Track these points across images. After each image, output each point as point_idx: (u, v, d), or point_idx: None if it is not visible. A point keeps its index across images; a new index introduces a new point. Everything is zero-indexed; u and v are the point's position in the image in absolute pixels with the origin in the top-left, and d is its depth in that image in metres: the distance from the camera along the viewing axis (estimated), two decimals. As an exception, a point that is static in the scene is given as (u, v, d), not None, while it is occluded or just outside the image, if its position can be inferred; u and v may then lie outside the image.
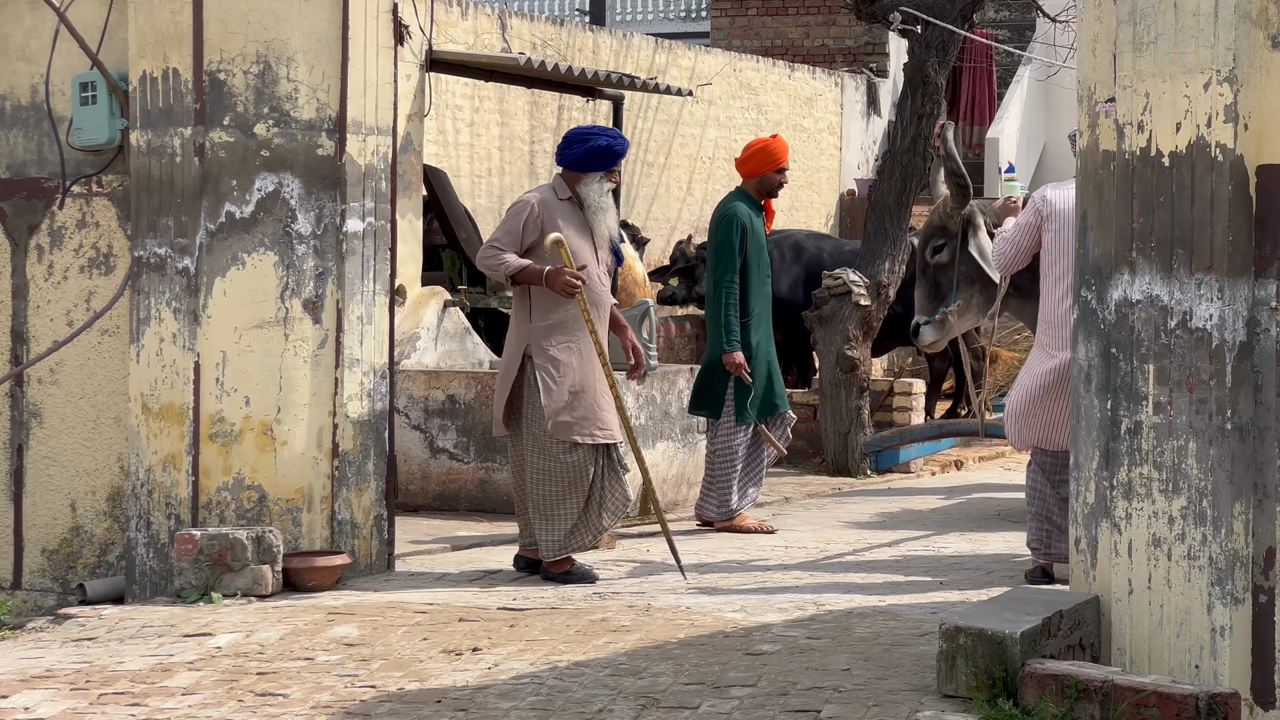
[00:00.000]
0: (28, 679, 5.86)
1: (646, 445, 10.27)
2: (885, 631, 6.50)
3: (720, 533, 9.52)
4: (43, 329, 8.18)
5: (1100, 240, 5.52)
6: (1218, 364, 5.20)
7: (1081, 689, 5.06)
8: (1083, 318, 5.63)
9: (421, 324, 10.81)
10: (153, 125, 7.69)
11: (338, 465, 7.64)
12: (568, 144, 8.03)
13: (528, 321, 7.83)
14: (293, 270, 7.58)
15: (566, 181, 8.02)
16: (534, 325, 7.81)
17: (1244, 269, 5.19)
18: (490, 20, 14.02)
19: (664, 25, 25.15)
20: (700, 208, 16.63)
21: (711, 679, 5.70)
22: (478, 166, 14.19)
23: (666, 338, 14.20)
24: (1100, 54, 5.52)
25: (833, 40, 19.73)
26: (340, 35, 7.61)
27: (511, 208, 8.03)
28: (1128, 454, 5.40)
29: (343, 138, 7.63)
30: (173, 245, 7.64)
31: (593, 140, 7.99)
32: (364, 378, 7.74)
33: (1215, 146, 5.18)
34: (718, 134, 16.94)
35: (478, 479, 10.20)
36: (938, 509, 10.75)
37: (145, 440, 7.70)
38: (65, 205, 8.10)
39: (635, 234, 14.41)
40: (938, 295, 8.67)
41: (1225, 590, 5.20)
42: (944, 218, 8.66)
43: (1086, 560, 5.59)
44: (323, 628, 6.63)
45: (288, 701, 5.55)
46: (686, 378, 10.65)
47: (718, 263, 9.57)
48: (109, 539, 8.07)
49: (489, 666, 5.95)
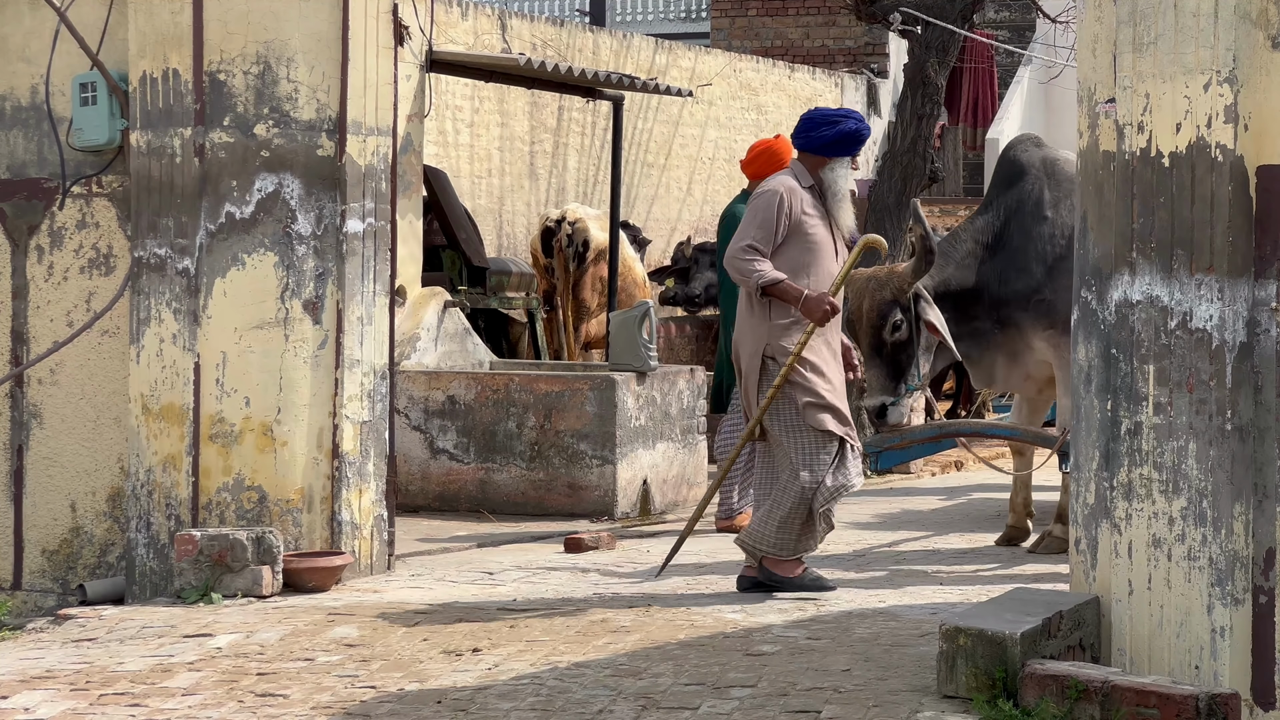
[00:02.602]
0: (28, 679, 5.86)
1: (646, 445, 10.28)
2: (885, 632, 6.50)
3: (720, 533, 9.52)
4: (43, 329, 8.18)
5: (1100, 241, 5.52)
6: (1218, 364, 5.20)
7: (1081, 689, 5.06)
8: (1083, 318, 5.63)
9: (421, 324, 10.81)
10: (153, 125, 7.69)
11: (338, 466, 7.64)
12: (813, 126, 7.49)
13: (766, 320, 7.37)
14: (293, 271, 7.58)
15: (808, 167, 7.50)
16: (773, 324, 7.36)
17: (1244, 269, 5.19)
18: (490, 21, 14.03)
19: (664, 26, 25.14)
20: (700, 208, 16.63)
21: (712, 679, 5.70)
22: (478, 166, 14.19)
23: (666, 338, 14.20)
24: (1100, 54, 5.52)
25: (833, 40, 19.74)
26: (340, 35, 7.61)
27: (759, 198, 7.41)
28: (1128, 454, 5.40)
29: (343, 138, 7.63)
30: (173, 246, 7.64)
31: (841, 123, 7.48)
32: (364, 378, 7.74)
33: (1215, 147, 5.18)
34: (718, 135, 16.94)
35: (478, 479, 10.20)
36: (938, 509, 10.75)
37: (145, 441, 7.70)
38: (65, 206, 8.10)
39: (636, 235, 14.42)
40: (896, 373, 8.28)
41: (1225, 591, 5.20)
42: (897, 292, 8.21)
43: (1086, 561, 5.59)
44: (323, 628, 6.63)
45: (288, 702, 5.55)
46: (687, 378, 10.66)
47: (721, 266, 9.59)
48: (109, 539, 8.07)
49: (489, 667, 5.95)
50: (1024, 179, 8.75)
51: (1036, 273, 8.54)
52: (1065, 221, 8.49)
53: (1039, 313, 8.54)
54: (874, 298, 8.22)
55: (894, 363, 8.26)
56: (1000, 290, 8.59)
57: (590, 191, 15.33)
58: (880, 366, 8.26)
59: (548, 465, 10.10)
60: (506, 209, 14.57)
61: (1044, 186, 8.67)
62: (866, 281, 8.27)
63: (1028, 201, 8.66)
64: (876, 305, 8.22)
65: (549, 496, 10.08)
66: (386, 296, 7.88)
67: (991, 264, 8.63)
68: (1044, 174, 8.73)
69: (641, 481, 10.20)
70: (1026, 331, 8.61)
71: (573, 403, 10.07)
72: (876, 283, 8.24)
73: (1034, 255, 8.55)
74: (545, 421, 10.11)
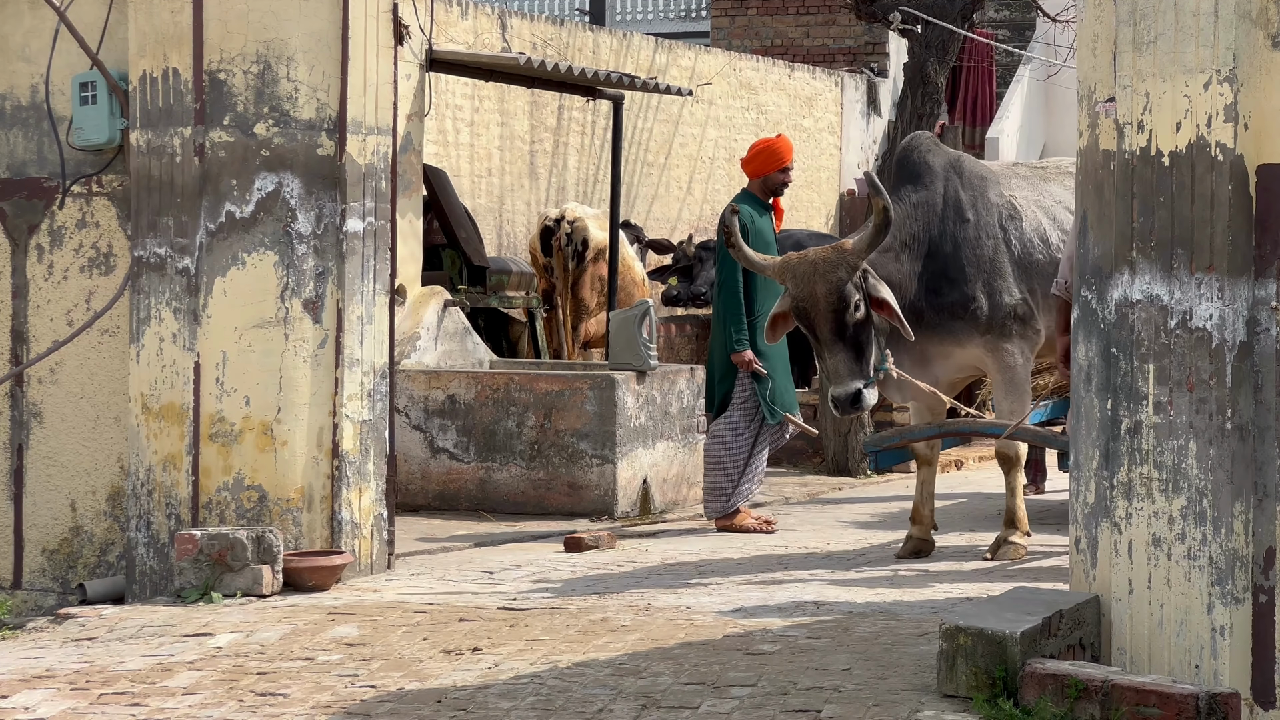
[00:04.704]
0: (28, 679, 5.86)
1: (647, 445, 10.28)
2: (885, 631, 6.50)
3: (720, 532, 9.52)
4: (43, 329, 8.18)
5: (1100, 240, 5.52)
6: (1218, 364, 5.20)
7: (1081, 689, 5.06)
8: (1083, 317, 5.63)
9: (421, 324, 10.81)
10: (153, 125, 7.69)
11: (338, 465, 7.64)
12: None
13: None
14: (293, 270, 7.58)
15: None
16: None
17: (1244, 269, 5.19)
18: (490, 20, 14.03)
19: (664, 25, 25.14)
20: (700, 208, 16.63)
21: (712, 679, 5.70)
22: (478, 166, 14.19)
23: (666, 338, 14.21)
24: (1100, 54, 5.52)
25: (833, 40, 19.73)
26: (340, 35, 7.61)
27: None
28: (1128, 454, 5.40)
29: (343, 138, 7.63)
30: (173, 245, 7.64)
31: None
32: (364, 377, 7.74)
33: (1215, 146, 5.19)
34: (718, 134, 16.94)
35: (478, 478, 10.20)
36: (938, 509, 10.73)
37: (145, 440, 7.70)
38: (65, 205, 8.10)
39: (637, 235, 14.42)
40: (860, 356, 7.84)
41: (1225, 590, 5.20)
42: (850, 270, 7.74)
43: (1086, 560, 5.59)
44: (323, 628, 6.63)
45: (288, 701, 5.55)
46: (686, 378, 10.66)
47: (721, 264, 9.59)
48: (109, 539, 8.07)
49: (489, 666, 5.95)
50: (932, 180, 8.46)
51: (971, 279, 8.38)
52: (986, 221, 8.43)
53: (974, 319, 8.39)
54: (828, 280, 7.74)
55: (856, 345, 7.82)
56: (932, 299, 8.35)
57: (590, 191, 15.33)
58: (845, 351, 7.80)
59: (548, 464, 10.10)
60: (506, 208, 14.57)
61: (958, 187, 8.47)
62: (812, 265, 7.79)
63: (946, 204, 8.41)
64: (834, 287, 7.73)
65: (549, 496, 10.09)
66: (386, 295, 7.88)
67: (911, 265, 8.33)
68: (953, 173, 8.55)
69: (641, 481, 10.20)
70: (961, 337, 8.41)
71: (573, 402, 10.08)
72: (827, 264, 7.76)
73: (967, 261, 8.36)
74: (545, 421, 10.11)
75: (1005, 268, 8.44)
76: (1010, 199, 8.60)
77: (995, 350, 8.41)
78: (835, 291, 7.73)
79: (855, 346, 7.81)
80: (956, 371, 8.69)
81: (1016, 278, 8.46)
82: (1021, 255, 8.50)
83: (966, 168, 8.63)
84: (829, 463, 12.34)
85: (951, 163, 8.61)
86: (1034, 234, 8.57)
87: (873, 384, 7.86)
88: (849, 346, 7.80)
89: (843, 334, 7.78)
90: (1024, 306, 8.45)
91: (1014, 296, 8.42)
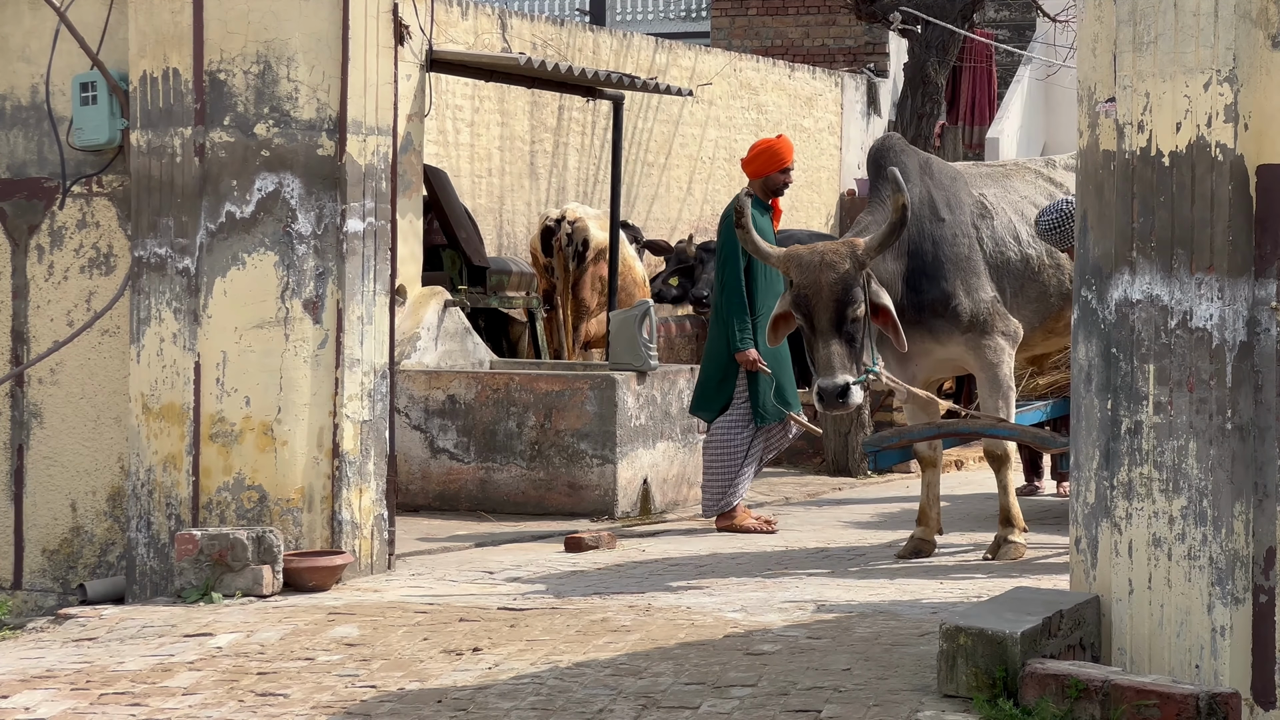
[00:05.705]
0: (28, 679, 5.87)
1: (647, 445, 10.28)
2: (885, 631, 6.50)
3: (721, 532, 9.52)
4: (43, 329, 8.18)
5: (1100, 240, 5.52)
6: (1218, 364, 5.20)
7: (1081, 689, 5.06)
8: (1083, 317, 5.63)
9: (422, 324, 10.81)
10: (153, 125, 7.70)
11: (338, 465, 7.64)
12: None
13: None
14: (293, 270, 7.58)
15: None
16: None
17: (1244, 269, 5.19)
18: (490, 20, 14.03)
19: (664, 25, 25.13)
20: (700, 208, 16.63)
21: (712, 679, 5.70)
22: (478, 166, 14.19)
23: (666, 338, 14.20)
24: (1100, 54, 5.52)
25: (833, 40, 19.74)
26: (340, 35, 7.61)
27: None
28: (1128, 454, 5.40)
29: (343, 138, 7.63)
30: (173, 245, 7.65)
31: None
32: (364, 378, 7.74)
33: (1215, 146, 5.19)
34: (718, 134, 16.94)
35: (478, 479, 10.20)
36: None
37: (145, 440, 7.70)
38: (65, 205, 8.10)
39: (636, 235, 14.42)
40: (853, 352, 7.83)
41: (1225, 590, 5.20)
42: (859, 265, 7.77)
43: (1087, 560, 5.59)
44: (323, 628, 6.63)
45: (288, 701, 5.55)
46: (687, 377, 10.66)
47: (721, 264, 9.59)
48: (109, 539, 8.07)
49: (489, 666, 5.95)
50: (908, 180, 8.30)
51: (950, 277, 8.42)
52: (960, 220, 8.47)
53: (955, 317, 8.42)
54: (836, 270, 7.76)
55: (850, 341, 7.82)
56: (914, 297, 8.37)
57: (590, 191, 15.33)
58: (839, 344, 7.79)
59: (548, 465, 10.10)
60: (506, 208, 14.57)
61: (930, 189, 8.53)
62: (819, 256, 7.81)
63: (922, 204, 8.42)
64: (841, 278, 7.75)
65: (549, 496, 10.09)
66: (387, 296, 7.88)
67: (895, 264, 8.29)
68: (925, 174, 8.59)
69: (642, 481, 10.21)
70: (941, 335, 8.44)
71: (573, 402, 10.08)
72: (836, 255, 7.80)
73: (946, 259, 8.40)
74: (545, 421, 10.12)
75: (979, 265, 8.51)
76: (980, 198, 8.69)
77: (976, 347, 8.45)
78: (841, 282, 7.76)
79: (849, 342, 7.81)
80: (934, 370, 8.77)
81: (989, 275, 8.53)
82: (994, 253, 8.58)
83: (936, 168, 8.70)
84: (829, 463, 12.34)
85: (922, 164, 8.68)
86: (1005, 231, 8.67)
87: (862, 383, 7.86)
88: (844, 341, 7.80)
89: (840, 327, 7.78)
90: (999, 303, 8.51)
91: (989, 293, 8.48)
